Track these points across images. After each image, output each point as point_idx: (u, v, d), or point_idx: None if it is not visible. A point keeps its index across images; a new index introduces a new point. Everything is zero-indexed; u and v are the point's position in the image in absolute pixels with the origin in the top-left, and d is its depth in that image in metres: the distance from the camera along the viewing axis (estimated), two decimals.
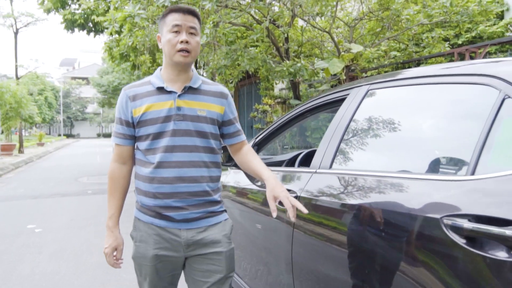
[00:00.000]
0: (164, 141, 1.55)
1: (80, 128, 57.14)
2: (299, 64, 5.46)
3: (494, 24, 8.23)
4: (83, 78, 52.54)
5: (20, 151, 18.47)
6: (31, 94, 24.39)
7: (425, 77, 1.47)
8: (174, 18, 1.55)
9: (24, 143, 21.02)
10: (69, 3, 10.18)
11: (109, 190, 1.65)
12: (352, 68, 6.70)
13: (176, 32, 1.55)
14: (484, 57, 5.65)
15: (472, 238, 1.01)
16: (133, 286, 3.15)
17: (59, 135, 49.18)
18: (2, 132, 17.71)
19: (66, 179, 9.73)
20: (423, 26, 6.87)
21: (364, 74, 6.82)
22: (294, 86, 6.90)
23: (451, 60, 6.61)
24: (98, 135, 55.43)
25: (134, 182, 1.63)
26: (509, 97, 1.13)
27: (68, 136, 52.16)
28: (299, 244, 1.71)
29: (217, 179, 1.66)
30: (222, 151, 2.02)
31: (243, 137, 1.76)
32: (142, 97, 1.58)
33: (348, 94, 1.85)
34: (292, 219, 1.45)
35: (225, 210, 1.69)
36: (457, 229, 1.04)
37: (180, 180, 1.54)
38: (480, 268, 0.98)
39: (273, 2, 5.86)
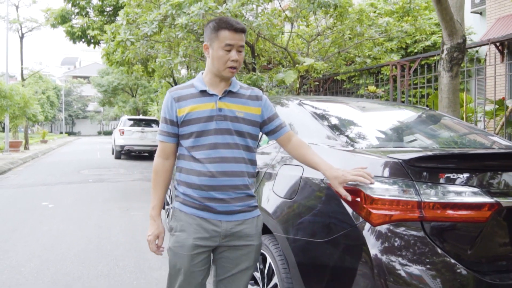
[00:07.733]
0: (208, 139, 1.68)
1: (81, 126, 58.05)
2: (255, 76, 6.88)
3: None
4: (84, 77, 53.71)
5: (26, 147, 19.74)
6: (36, 93, 25.72)
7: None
8: (227, 37, 1.65)
9: (29, 141, 22.36)
10: (70, 18, 11.53)
11: (153, 183, 1.77)
12: (306, 77, 8.12)
13: (227, 50, 1.66)
14: (416, 68, 7.02)
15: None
16: (119, 239, 4.60)
17: (61, 132, 50.34)
18: (10, 130, 19.04)
19: (69, 171, 11.15)
20: (374, 40, 8.22)
21: (315, 83, 8.23)
22: None
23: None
24: (99, 133, 56.23)
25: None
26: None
27: (70, 133, 53.19)
28: None
29: (253, 175, 1.79)
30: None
31: (286, 128, 1.84)
32: (186, 99, 1.71)
33: None
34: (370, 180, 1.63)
35: (257, 206, 1.80)
36: None
37: (223, 174, 1.67)
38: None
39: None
